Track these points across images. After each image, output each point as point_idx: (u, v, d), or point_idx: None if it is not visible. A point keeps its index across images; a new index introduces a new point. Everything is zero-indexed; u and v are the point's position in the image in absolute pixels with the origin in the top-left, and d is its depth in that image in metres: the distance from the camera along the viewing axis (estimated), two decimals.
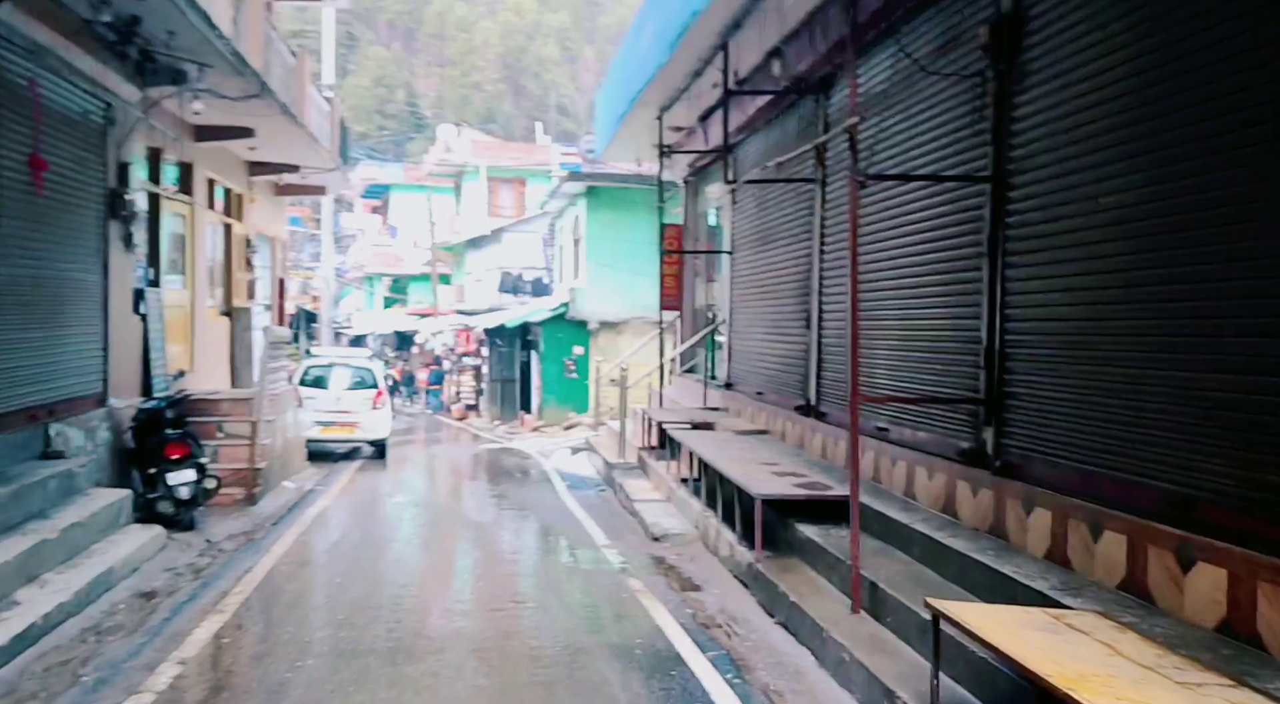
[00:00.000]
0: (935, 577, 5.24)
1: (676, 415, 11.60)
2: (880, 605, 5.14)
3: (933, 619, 3.93)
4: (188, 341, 12.15)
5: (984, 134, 5.51)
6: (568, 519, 10.02)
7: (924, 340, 6.32)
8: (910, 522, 5.84)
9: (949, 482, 5.84)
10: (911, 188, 6.38)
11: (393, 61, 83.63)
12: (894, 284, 6.66)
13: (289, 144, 13.63)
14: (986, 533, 5.28)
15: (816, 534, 6.47)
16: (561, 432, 21.88)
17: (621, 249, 22.93)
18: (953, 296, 5.92)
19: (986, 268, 5.46)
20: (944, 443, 5.96)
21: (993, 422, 5.35)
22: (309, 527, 9.42)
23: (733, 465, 7.73)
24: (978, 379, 5.56)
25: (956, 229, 5.85)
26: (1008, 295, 5.27)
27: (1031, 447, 4.97)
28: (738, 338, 11.72)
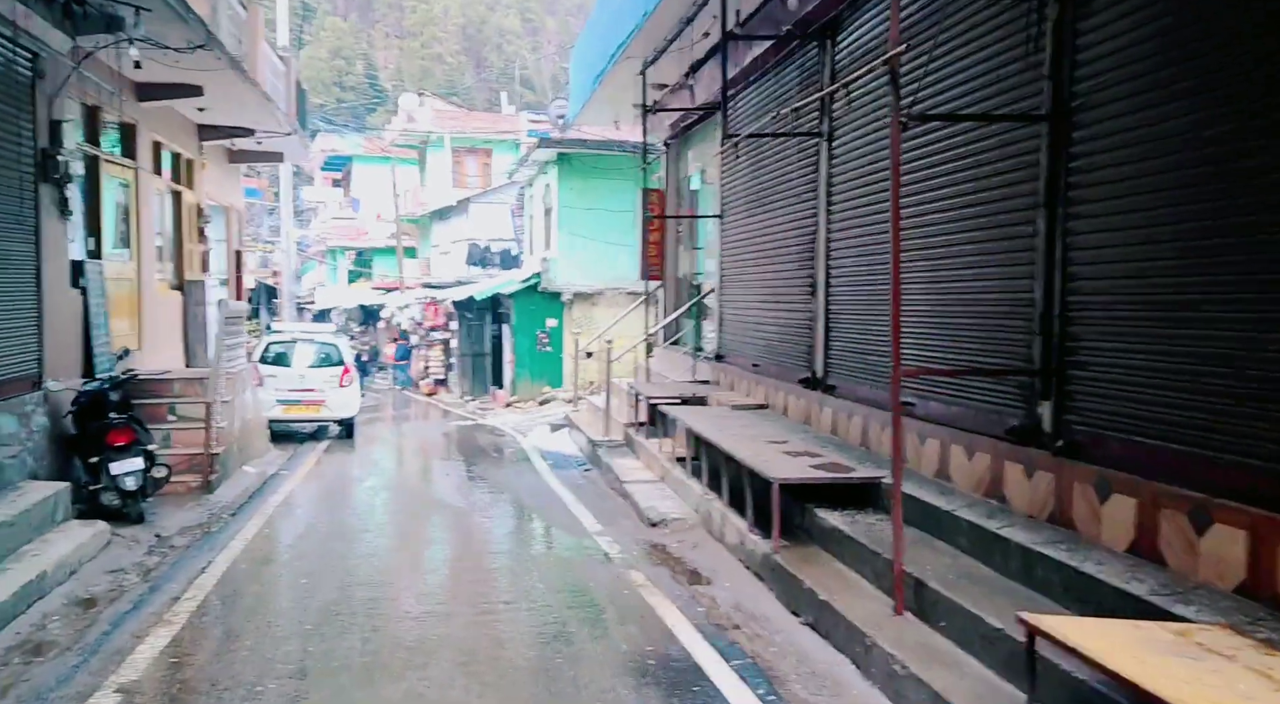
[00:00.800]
0: (991, 573, 4.62)
1: (665, 390, 10.92)
2: (930, 607, 4.51)
3: (1027, 637, 3.29)
4: (135, 317, 11.21)
5: (1039, 67, 4.82)
6: (553, 503, 9.33)
7: (960, 305, 5.67)
8: (951, 507, 5.21)
9: (994, 462, 5.21)
10: (946, 134, 5.69)
11: (350, 33, 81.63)
12: (923, 243, 5.98)
13: (241, 105, 12.63)
14: (1046, 522, 4.66)
15: (841, 522, 5.83)
16: (536, 407, 21.14)
17: (595, 218, 22.15)
18: (998, 254, 5.26)
19: (1043, 220, 4.79)
20: (986, 419, 5.33)
21: (1051, 395, 4.72)
22: (272, 516, 8.64)
23: (739, 445, 7.07)
24: (1030, 347, 4.92)
25: (1003, 177, 5.18)
26: (1071, 251, 4.61)
27: (1105, 423, 4.34)
28: (730, 307, 11.03)
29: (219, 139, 14.45)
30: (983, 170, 5.35)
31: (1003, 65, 5.15)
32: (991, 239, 5.31)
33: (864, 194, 7.06)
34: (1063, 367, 4.64)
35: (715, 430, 7.83)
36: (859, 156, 7.15)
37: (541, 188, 24.06)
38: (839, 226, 7.61)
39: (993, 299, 5.32)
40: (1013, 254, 5.09)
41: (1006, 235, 5.15)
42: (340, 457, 13.21)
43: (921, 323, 6.10)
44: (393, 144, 42.16)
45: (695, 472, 8.46)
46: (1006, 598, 4.19)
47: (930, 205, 5.89)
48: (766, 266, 9.55)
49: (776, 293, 9.23)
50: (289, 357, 14.77)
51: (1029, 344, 4.93)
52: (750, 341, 10.15)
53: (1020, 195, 5.00)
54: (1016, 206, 5.04)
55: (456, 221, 34.46)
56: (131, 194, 11.21)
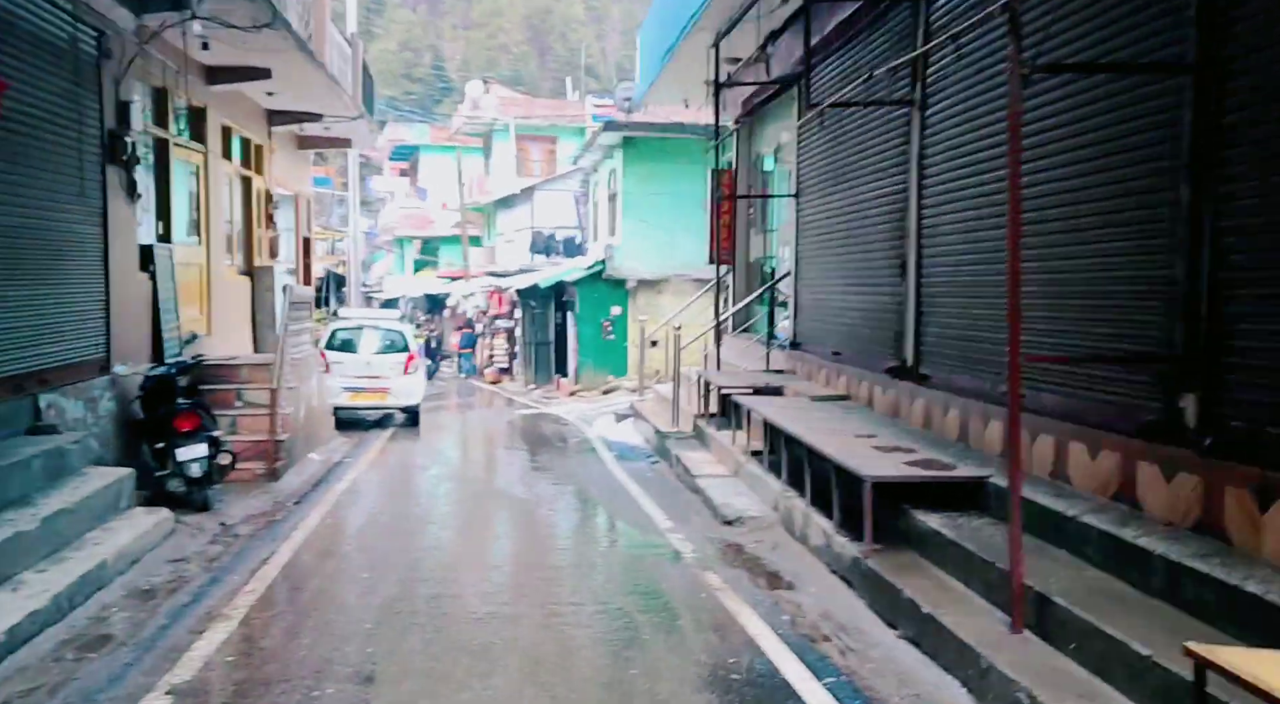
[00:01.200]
0: (1127, 589, 4.09)
1: (737, 379, 10.45)
2: (1057, 626, 4.00)
3: (1196, 671, 2.78)
4: (204, 303, 11.16)
5: (1183, 10, 4.24)
6: (621, 496, 8.95)
7: (1079, 284, 5.10)
8: (1074, 512, 4.67)
9: (1124, 462, 4.65)
10: (1063, 93, 5.12)
11: (419, 25, 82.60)
12: (1036, 216, 5.39)
13: (308, 88, 12.49)
14: (1191, 531, 4.11)
15: (942, 525, 5.32)
16: (600, 396, 20.84)
17: (661, 203, 21.72)
18: (1127, 228, 4.69)
19: (1186, 187, 4.22)
20: (1112, 412, 4.77)
21: (1198, 385, 4.15)
22: (335, 506, 8.43)
23: (824, 439, 6.59)
24: (1168, 331, 4.35)
25: (1135, 140, 4.60)
26: (1224, 220, 4.04)
27: (1268, 417, 3.77)
28: (806, 291, 10.51)
29: (287, 124, 14.38)
30: (1108, 132, 4.78)
31: (1136, 11, 4.57)
32: (1119, 210, 4.73)
33: (965, 165, 6.49)
34: (1213, 352, 4.07)
35: (796, 423, 7.36)
36: (959, 124, 6.59)
37: (606, 173, 23.70)
38: (934, 202, 7.06)
39: (1120, 278, 4.75)
40: (1147, 227, 4.52)
41: (1139, 205, 4.58)
42: (404, 444, 13.04)
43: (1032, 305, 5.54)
44: (458, 132, 42.24)
45: (772, 467, 7.99)
46: (1150, 619, 3.67)
47: (1044, 174, 5.32)
48: (848, 248, 9.01)
49: (860, 275, 8.70)
50: (354, 343, 14.66)
51: (1167, 328, 4.36)
52: (830, 328, 9.62)
53: (1156, 159, 4.43)
54: (1151, 172, 4.47)
55: (521, 209, 34.37)
56: (200, 178, 11.14)
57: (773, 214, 13.01)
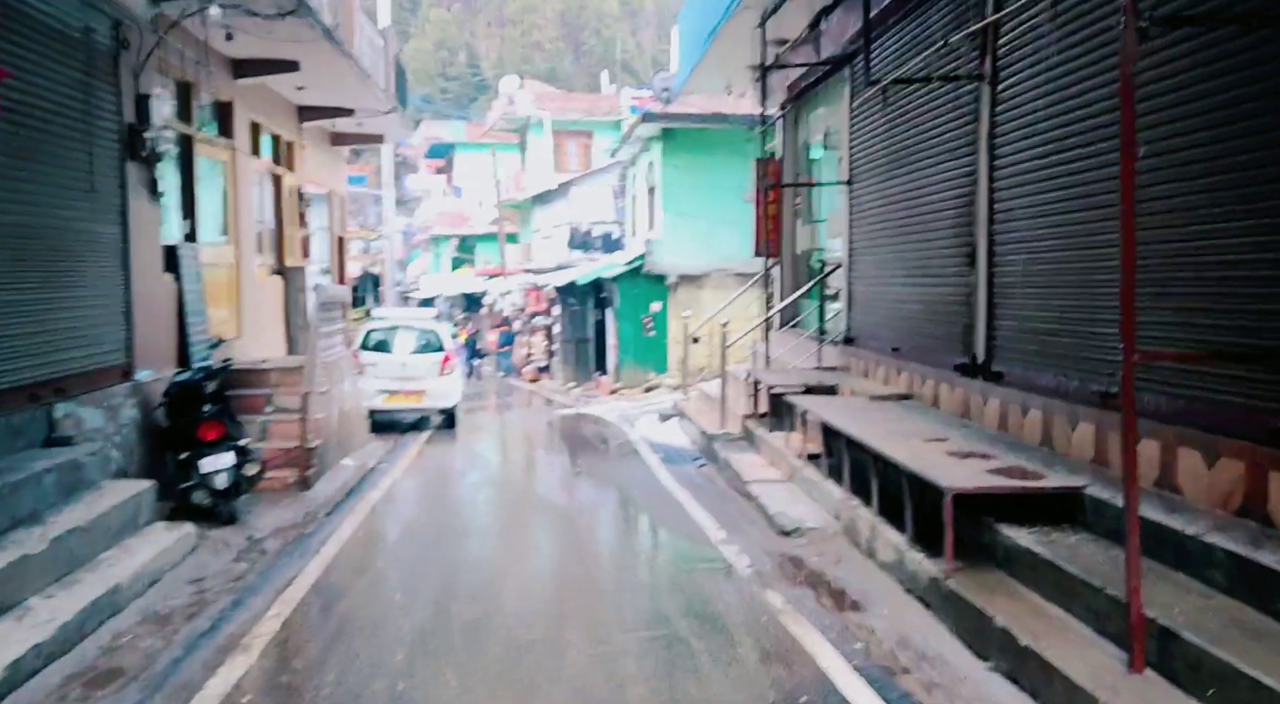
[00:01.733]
0: (1269, 622, 3.50)
1: (788, 378, 9.89)
2: (1186, 667, 3.43)
3: None
4: (233, 304, 10.84)
5: None
6: (668, 504, 8.45)
7: (1187, 270, 4.50)
8: (1193, 530, 4.08)
9: (1250, 473, 4.05)
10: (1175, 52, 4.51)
11: (453, 23, 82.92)
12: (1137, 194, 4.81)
13: (339, 81, 12.13)
14: None
15: (1034, 542, 4.75)
16: (641, 394, 20.36)
17: (701, 196, 21.18)
18: (1249, 206, 4.08)
19: None
20: (1233, 414, 4.17)
21: None
22: (368, 516, 8.03)
23: (890, 443, 6.03)
24: None
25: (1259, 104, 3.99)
26: None
27: None
28: (861, 284, 9.91)
29: (319, 120, 14.06)
30: (1234, 96, 4.16)
31: None
32: (1244, 186, 4.12)
33: (1046, 143, 5.89)
34: None
35: (857, 425, 6.81)
36: (1038, 97, 5.98)
37: (644, 166, 23.20)
38: (1009, 184, 6.45)
39: (1240, 263, 4.14)
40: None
41: (1266, 179, 3.97)
42: (441, 448, 12.66)
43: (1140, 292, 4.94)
44: (493, 128, 42.00)
45: (831, 472, 7.44)
46: None
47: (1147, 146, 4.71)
48: (907, 236, 8.42)
49: (921, 265, 8.11)
50: (389, 344, 14.32)
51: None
52: (887, 322, 9.03)
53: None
54: None
55: (557, 205, 34.00)
56: (229, 176, 10.82)
57: (821, 204, 12.41)
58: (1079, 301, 5.59)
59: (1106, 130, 5.13)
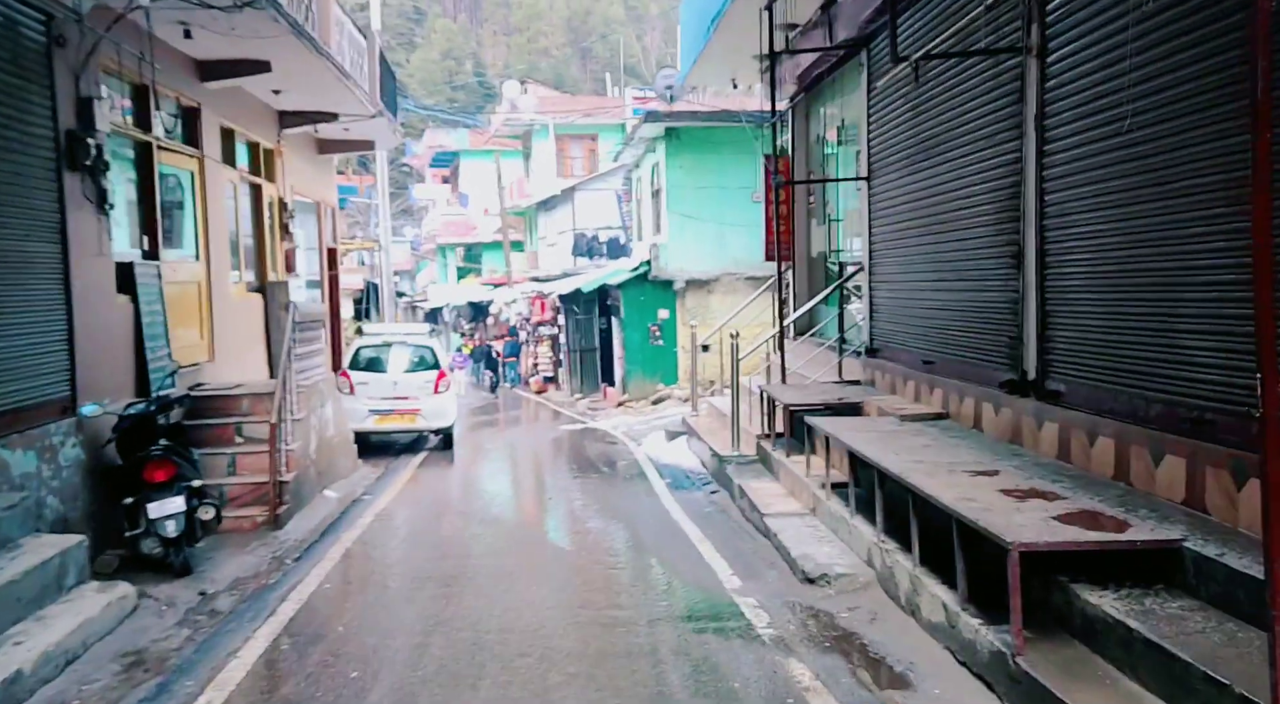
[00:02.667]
0: None
1: (806, 393, 9.00)
2: None
3: None
4: (205, 325, 10.02)
5: None
6: (676, 541, 7.57)
7: None
8: None
9: None
10: None
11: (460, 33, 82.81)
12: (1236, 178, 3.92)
13: (316, 83, 11.32)
14: None
15: (1123, 610, 3.85)
16: (649, 406, 19.48)
17: (708, 197, 20.32)
18: None
19: None
20: None
21: None
22: (340, 562, 7.17)
23: (932, 479, 5.14)
24: None
25: None
26: None
27: None
28: (884, 289, 9.02)
29: (301, 125, 13.22)
30: None
31: None
32: None
33: (1114, 120, 4.99)
34: None
35: (889, 454, 5.91)
36: (1102, 68, 5.09)
37: (649, 168, 22.34)
38: (1062, 173, 5.56)
39: None
40: None
41: None
42: (435, 473, 11.81)
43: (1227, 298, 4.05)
44: (495, 135, 41.29)
45: (860, 506, 6.54)
46: None
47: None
48: (938, 235, 7.52)
49: (955, 268, 7.21)
50: (381, 361, 13.50)
51: None
52: (916, 332, 8.14)
53: None
54: None
55: (562, 212, 33.21)
56: (197, 186, 9.99)
57: (838, 202, 11.52)
58: (1158, 307, 4.70)
59: (1198, 100, 4.24)
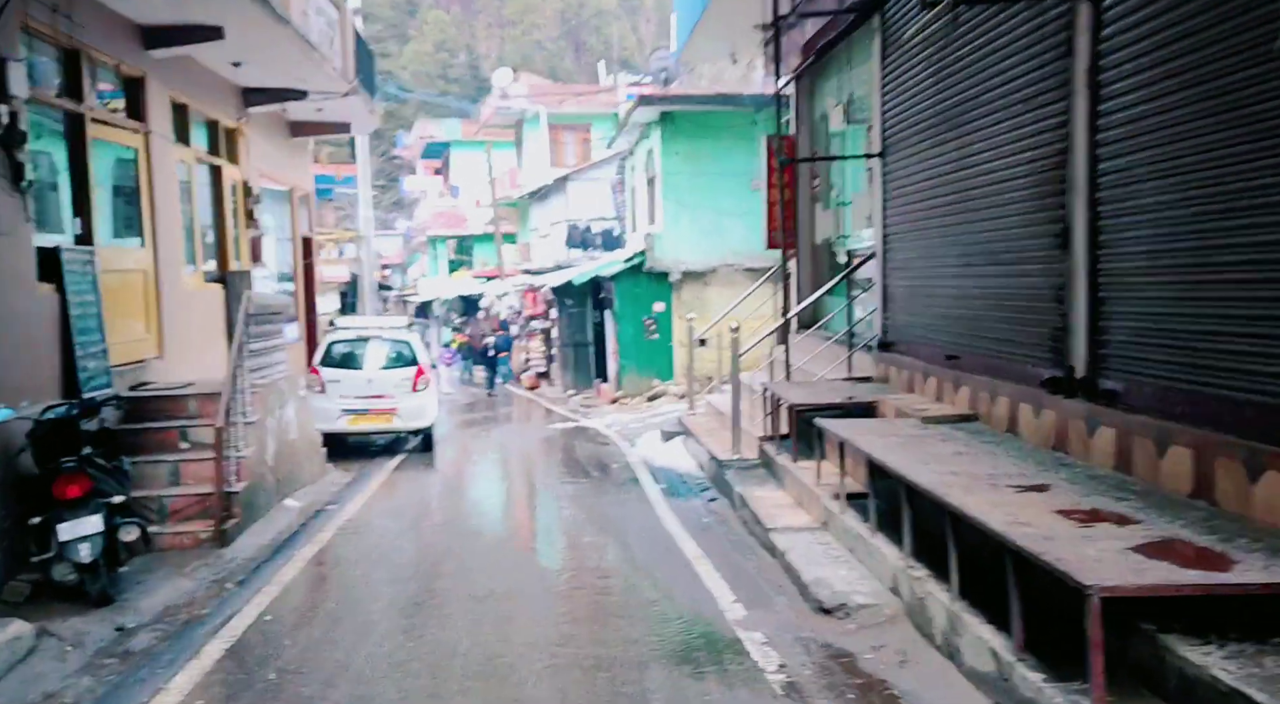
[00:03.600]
0: None
1: (814, 392, 8.14)
2: None
3: None
4: (151, 318, 9.13)
5: None
6: (671, 557, 6.72)
7: None
8: None
9: None
10: None
11: (453, 25, 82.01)
12: None
13: (279, 55, 10.43)
14: None
15: (1240, 674, 3.00)
16: (645, 403, 18.64)
17: (704, 185, 19.46)
18: None
19: None
20: None
21: None
22: (288, 588, 6.30)
23: (973, 497, 4.29)
24: None
25: None
26: None
27: None
28: (900, 277, 8.17)
29: (267, 103, 12.32)
30: None
31: None
32: None
33: (1191, 68, 4.14)
34: None
35: (914, 462, 5.07)
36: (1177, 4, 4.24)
37: (643, 155, 21.46)
38: (1124, 134, 4.70)
39: None
40: None
41: None
42: (412, 477, 10.95)
43: None
44: (487, 125, 40.38)
45: (882, 522, 5.69)
46: None
47: None
48: (964, 215, 6.66)
49: (985, 251, 6.35)
50: (355, 358, 12.61)
51: None
52: (938, 324, 7.28)
53: None
54: None
55: (555, 203, 32.34)
56: (142, 165, 9.09)
57: (846, 184, 10.66)
58: (1253, 290, 3.86)
59: None
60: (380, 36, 74.97)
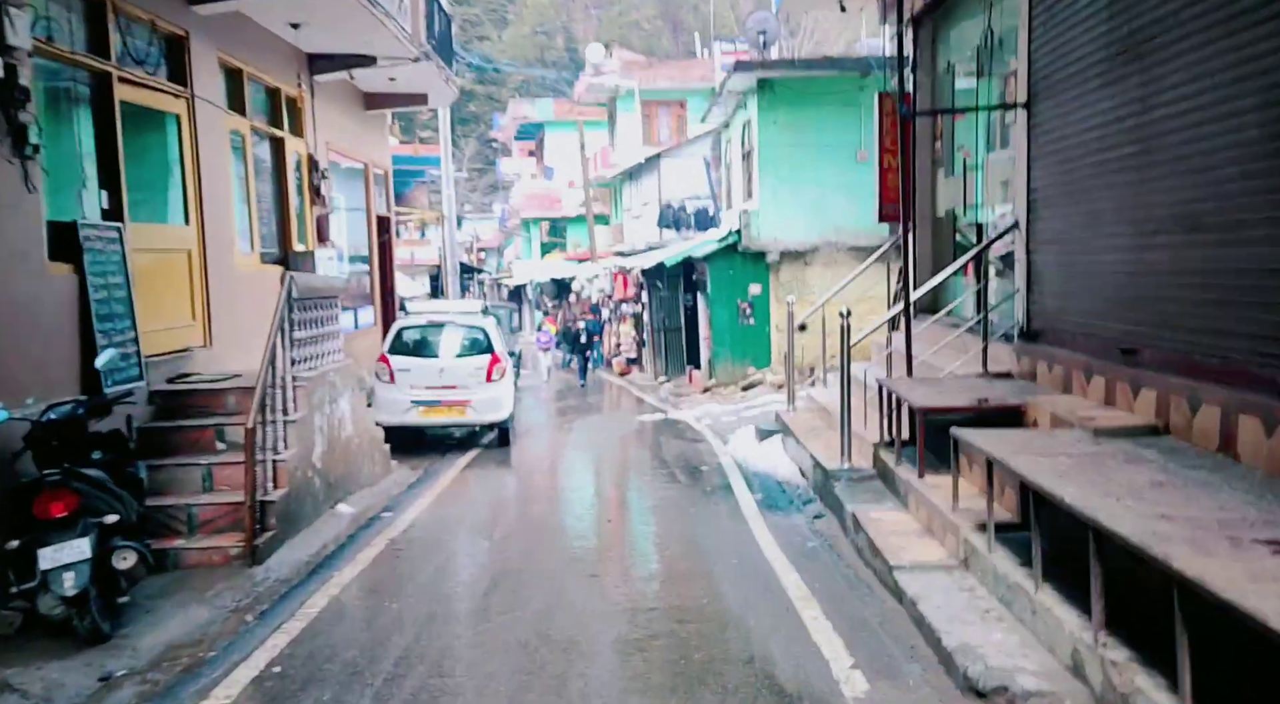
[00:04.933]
0: None
1: (944, 391, 6.74)
2: None
3: None
4: (197, 304, 8.36)
5: None
6: (770, 595, 5.49)
7: None
8: None
9: None
10: None
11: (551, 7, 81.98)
12: None
13: (337, 11, 9.54)
14: None
15: None
16: (738, 393, 17.37)
17: (804, 158, 18.00)
18: None
19: None
20: None
21: None
22: (315, 623, 5.32)
23: (1215, 566, 2.94)
24: None
25: None
26: None
27: None
28: (1051, 251, 6.70)
29: (334, 71, 11.50)
30: None
31: None
32: None
33: None
34: None
35: (1099, 496, 3.73)
36: None
37: (739, 127, 20.06)
38: None
39: None
40: None
41: None
42: (482, 479, 9.98)
43: None
44: (580, 102, 39.44)
45: (1048, 570, 4.33)
46: None
47: None
48: (1150, 169, 5.19)
49: (1189, 213, 4.87)
50: (426, 345, 11.74)
51: None
52: (1106, 307, 5.82)
53: None
54: None
55: (647, 182, 31.19)
56: (185, 133, 8.30)
57: (975, 145, 9.15)
58: None
59: None
60: (478, 19, 75.05)
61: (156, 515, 6.38)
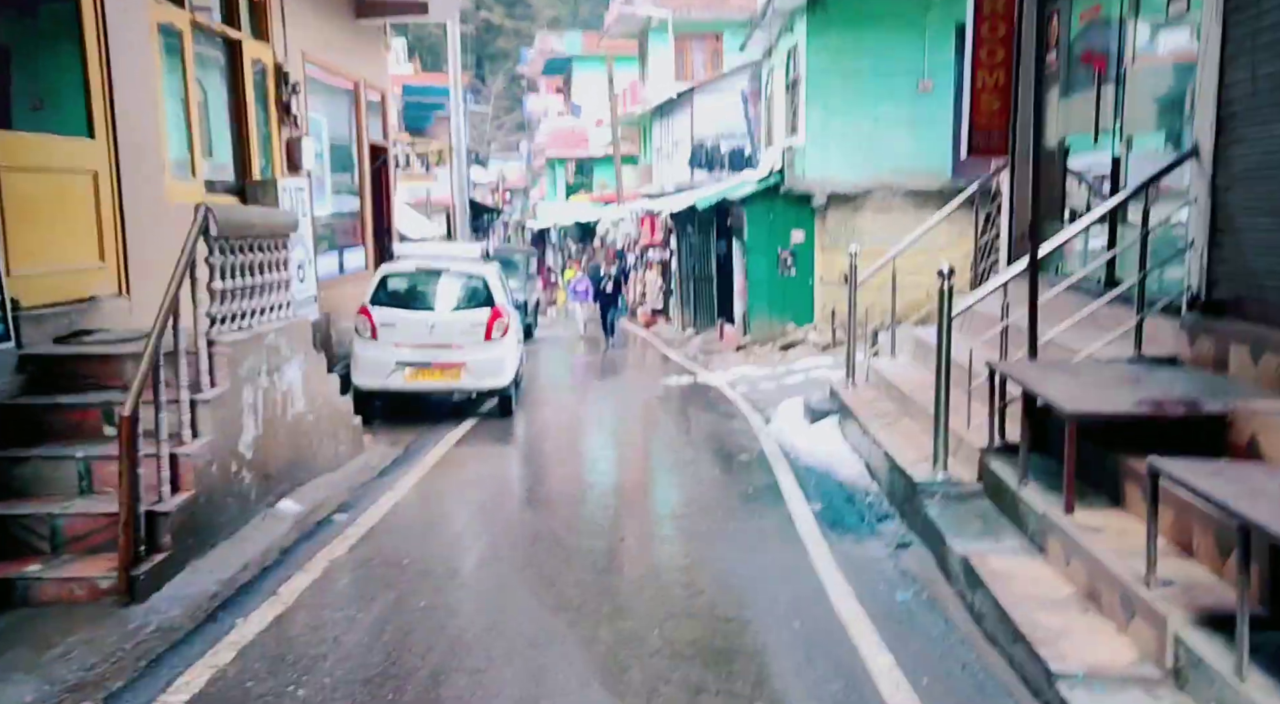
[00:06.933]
0: None
1: (1091, 385, 4.80)
2: None
3: None
4: (106, 240, 6.55)
5: None
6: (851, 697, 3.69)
7: None
8: None
9: None
10: None
11: None
12: None
13: None
14: None
15: None
16: (776, 353, 15.50)
17: (860, 87, 15.89)
18: None
19: None
20: None
21: None
22: None
23: None
24: None
25: None
26: None
27: None
28: (1253, 188, 4.72)
29: None
30: None
31: None
32: None
33: None
34: None
35: None
36: None
37: (783, 55, 17.86)
38: None
39: None
40: None
41: None
42: (472, 461, 8.21)
43: None
44: (608, 33, 36.99)
45: None
46: None
47: None
48: None
49: None
50: (415, 296, 9.93)
51: None
52: None
53: None
54: None
55: (679, 119, 29.00)
56: (88, 23, 6.41)
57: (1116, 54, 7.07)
58: None
59: None
60: None
61: (8, 528, 4.69)
